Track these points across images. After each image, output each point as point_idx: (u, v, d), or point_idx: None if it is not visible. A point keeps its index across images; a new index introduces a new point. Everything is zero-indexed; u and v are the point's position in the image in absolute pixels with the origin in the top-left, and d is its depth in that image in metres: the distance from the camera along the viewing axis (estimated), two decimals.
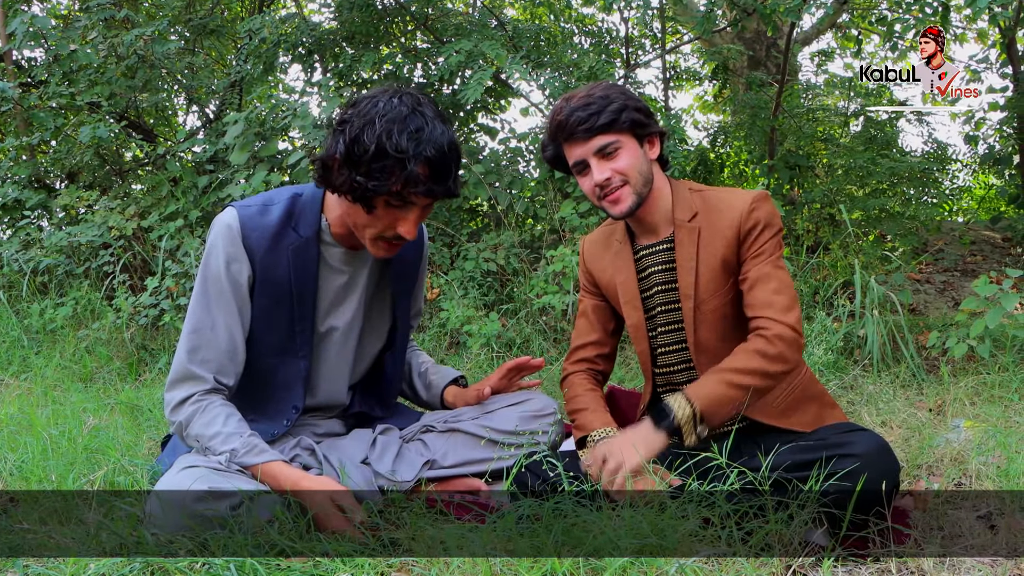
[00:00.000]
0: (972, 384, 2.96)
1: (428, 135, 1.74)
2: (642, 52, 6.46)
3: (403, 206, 1.80)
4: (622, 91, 2.01)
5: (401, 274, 2.13)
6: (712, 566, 1.46)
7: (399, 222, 1.82)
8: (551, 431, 2.15)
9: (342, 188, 1.80)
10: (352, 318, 2.07)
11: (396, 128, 1.73)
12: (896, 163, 5.00)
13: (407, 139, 1.72)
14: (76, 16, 6.15)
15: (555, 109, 2.03)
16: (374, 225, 1.83)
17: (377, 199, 1.78)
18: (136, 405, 3.14)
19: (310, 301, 1.98)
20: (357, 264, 2.05)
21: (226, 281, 1.90)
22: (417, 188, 1.76)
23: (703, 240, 2.02)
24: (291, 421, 2.03)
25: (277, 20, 5.71)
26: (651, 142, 2.05)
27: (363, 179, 1.74)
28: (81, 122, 5.29)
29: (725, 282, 2.01)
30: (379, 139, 1.72)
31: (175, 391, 1.88)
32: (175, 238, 4.73)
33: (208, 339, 1.89)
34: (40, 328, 4.45)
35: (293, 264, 1.94)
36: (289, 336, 1.99)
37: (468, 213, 5.54)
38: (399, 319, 2.16)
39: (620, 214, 2.01)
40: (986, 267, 5.30)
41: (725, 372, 1.87)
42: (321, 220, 1.98)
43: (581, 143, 1.97)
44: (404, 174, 1.72)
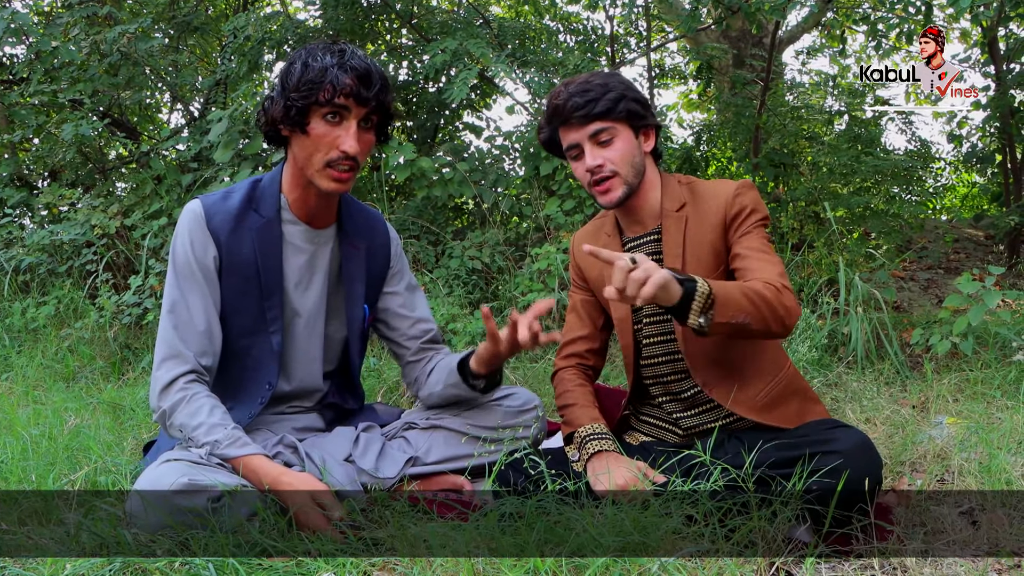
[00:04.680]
0: (955, 381, 2.97)
1: (351, 53, 1.90)
2: (627, 50, 6.46)
3: (338, 121, 1.88)
4: (622, 81, 2.02)
5: (354, 259, 2.14)
6: (695, 564, 1.46)
7: (339, 139, 1.88)
8: (533, 427, 2.15)
9: (279, 117, 1.90)
10: (318, 299, 2.10)
11: (320, 51, 1.88)
12: (880, 161, 5.01)
13: (331, 56, 1.86)
14: (58, 12, 6.10)
15: (553, 93, 2.03)
16: (317, 149, 1.89)
17: (311, 114, 1.87)
18: (119, 404, 3.11)
19: (276, 279, 2.02)
20: (318, 242, 2.08)
21: (194, 263, 1.95)
22: (346, 92, 1.84)
23: (690, 228, 2.02)
24: (265, 399, 2.04)
25: (262, 18, 5.68)
26: (647, 134, 2.06)
27: (295, 95, 1.85)
28: (63, 120, 5.25)
29: (713, 269, 2.01)
30: (306, 61, 1.87)
31: (162, 369, 1.90)
32: (159, 236, 4.70)
33: (185, 319, 1.94)
34: (22, 327, 4.42)
35: (257, 244, 1.99)
36: (259, 315, 2.02)
37: (453, 211, 5.53)
38: (349, 305, 2.15)
39: (609, 204, 2.01)
40: (969, 264, 5.33)
41: (740, 285, 1.82)
42: (280, 199, 2.03)
43: (577, 128, 1.98)
44: (330, 81, 1.83)
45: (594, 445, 1.97)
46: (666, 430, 2.15)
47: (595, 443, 1.98)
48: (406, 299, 2.26)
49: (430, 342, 2.27)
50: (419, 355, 2.26)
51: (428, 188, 4.66)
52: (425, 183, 4.65)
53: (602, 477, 1.86)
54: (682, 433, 2.11)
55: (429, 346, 2.26)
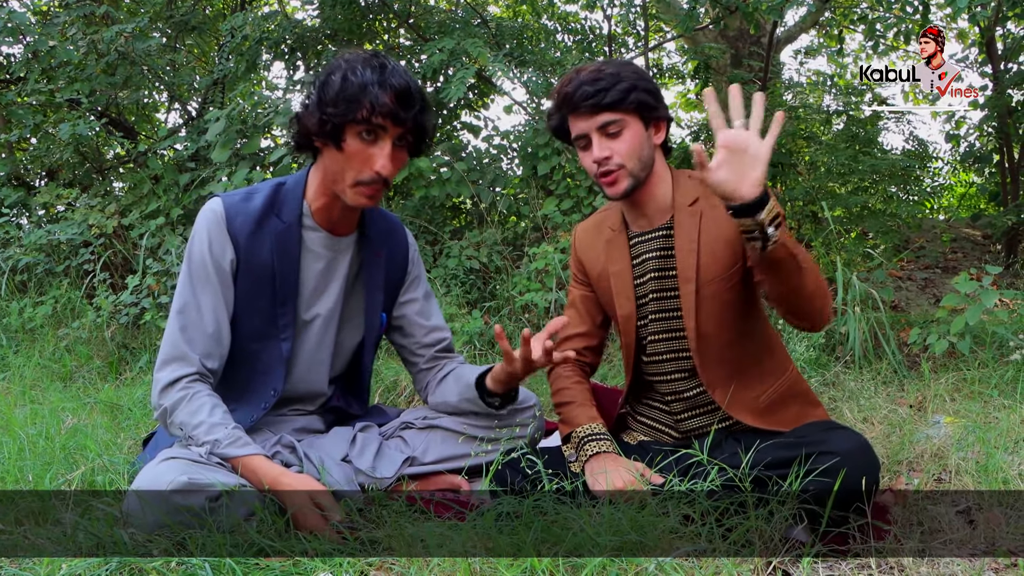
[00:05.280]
0: (952, 380, 2.97)
1: (392, 70, 1.84)
2: (625, 50, 6.47)
3: (374, 139, 1.84)
4: (635, 70, 1.97)
5: (375, 266, 2.12)
6: (692, 563, 1.46)
7: (373, 158, 1.85)
8: (531, 426, 2.14)
9: (314, 130, 1.86)
10: (333, 306, 2.08)
11: (360, 64, 1.82)
12: (878, 161, 5.02)
13: (371, 72, 1.81)
14: (55, 12, 6.10)
15: (563, 80, 1.99)
16: (350, 166, 1.86)
17: (347, 131, 1.83)
18: (116, 404, 3.11)
19: (292, 286, 2.00)
20: (338, 249, 2.06)
21: (210, 264, 1.93)
22: (384, 112, 1.80)
23: (705, 223, 1.99)
24: (269, 404, 2.03)
25: (259, 18, 5.68)
26: (657, 126, 2.01)
27: (332, 110, 1.81)
28: (61, 119, 5.24)
29: (730, 265, 1.97)
30: (345, 74, 1.81)
31: (165, 371, 1.89)
32: (156, 236, 4.69)
33: (194, 320, 1.92)
34: (19, 327, 4.41)
35: (276, 249, 1.96)
36: (271, 321, 2.00)
37: (451, 211, 5.53)
38: (369, 313, 2.14)
39: (616, 195, 1.98)
40: (966, 264, 5.34)
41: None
42: (303, 205, 2.00)
43: (585, 117, 1.95)
44: (369, 99, 1.79)
45: (592, 446, 1.97)
46: (662, 432, 2.14)
47: (593, 444, 1.98)
48: (423, 306, 2.25)
49: (444, 351, 2.25)
50: (432, 363, 2.24)
51: (426, 188, 4.66)
52: (423, 183, 4.65)
53: (600, 478, 1.86)
54: (678, 435, 2.11)
55: (442, 355, 2.25)
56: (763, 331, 2.07)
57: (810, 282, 1.78)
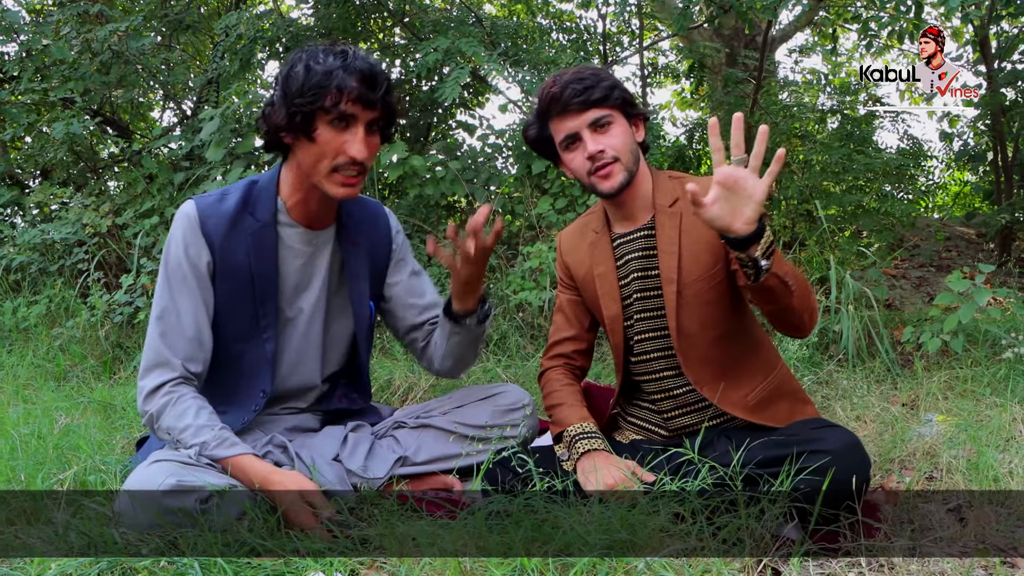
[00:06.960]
0: (945, 379, 2.98)
1: (354, 55, 1.83)
2: (620, 49, 6.47)
3: (345, 126, 1.83)
4: (609, 73, 2.03)
5: (357, 256, 2.12)
6: (682, 562, 1.46)
7: (346, 144, 1.83)
8: (522, 425, 2.14)
9: (283, 124, 1.84)
10: (316, 300, 2.08)
11: (321, 53, 1.82)
12: (872, 159, 5.02)
13: (333, 58, 1.81)
14: (49, 10, 6.08)
15: (546, 85, 2.02)
16: (324, 155, 1.84)
17: (318, 120, 1.81)
18: (110, 404, 3.11)
19: (271, 284, 1.99)
20: (317, 244, 2.06)
21: (187, 267, 1.93)
22: (352, 96, 1.79)
23: (685, 224, 2.01)
24: (259, 406, 2.02)
25: (254, 16, 5.66)
26: (636, 124, 2.06)
27: (299, 100, 1.79)
28: (55, 118, 5.23)
29: (711, 266, 1.99)
30: (307, 64, 1.80)
31: (148, 378, 1.89)
32: (150, 235, 4.69)
33: (174, 325, 1.91)
34: (13, 326, 4.40)
35: (252, 248, 1.96)
36: (253, 321, 2.00)
37: (445, 209, 5.52)
38: (356, 303, 2.14)
39: (610, 190, 1.99)
40: (960, 262, 5.34)
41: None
42: (277, 202, 2.00)
43: (575, 115, 1.97)
44: (336, 84, 1.78)
45: (584, 444, 1.97)
46: (652, 431, 2.14)
47: (585, 442, 1.98)
48: (412, 284, 2.24)
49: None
50: (429, 337, 2.24)
51: (420, 187, 4.66)
52: (417, 181, 4.65)
53: (591, 476, 1.86)
54: (668, 433, 2.11)
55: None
56: (749, 330, 2.08)
57: (799, 302, 1.81)
